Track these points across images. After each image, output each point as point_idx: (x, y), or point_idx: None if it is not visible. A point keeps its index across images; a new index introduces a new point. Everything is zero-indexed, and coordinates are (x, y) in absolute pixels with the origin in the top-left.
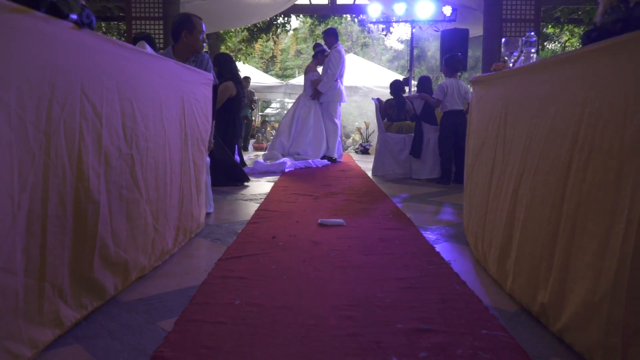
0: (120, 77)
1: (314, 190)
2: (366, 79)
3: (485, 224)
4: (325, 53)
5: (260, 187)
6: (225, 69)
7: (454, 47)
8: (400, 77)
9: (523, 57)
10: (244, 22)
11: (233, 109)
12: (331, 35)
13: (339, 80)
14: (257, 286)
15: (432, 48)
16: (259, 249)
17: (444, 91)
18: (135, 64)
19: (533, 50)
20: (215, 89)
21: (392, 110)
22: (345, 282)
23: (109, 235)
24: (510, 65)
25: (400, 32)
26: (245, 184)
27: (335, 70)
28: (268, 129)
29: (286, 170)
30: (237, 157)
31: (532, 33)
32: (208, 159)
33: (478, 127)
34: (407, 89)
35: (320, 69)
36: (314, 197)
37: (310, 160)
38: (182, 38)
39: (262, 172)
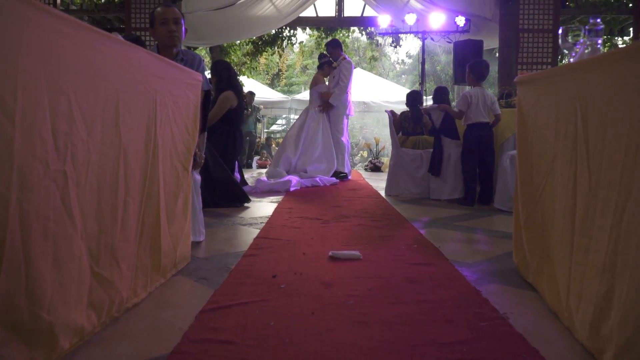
0: (53, 60)
1: (322, 213)
2: (374, 94)
3: (571, 267)
4: (334, 64)
5: (262, 208)
6: (225, 77)
7: (467, 59)
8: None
9: (588, 49)
10: (249, 35)
11: (233, 122)
12: (336, 47)
13: (348, 93)
14: (247, 359)
15: (442, 62)
16: (254, 293)
17: (468, 101)
18: (80, 45)
19: (600, 41)
20: (207, 95)
21: (407, 123)
22: (370, 350)
23: (20, 290)
24: (571, 59)
25: (409, 46)
26: (246, 204)
27: (348, 82)
28: (273, 145)
29: (291, 189)
30: (237, 175)
31: (599, 20)
32: (198, 177)
33: (540, 139)
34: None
35: (327, 80)
36: (323, 222)
37: (317, 178)
38: (153, 36)
39: (264, 191)
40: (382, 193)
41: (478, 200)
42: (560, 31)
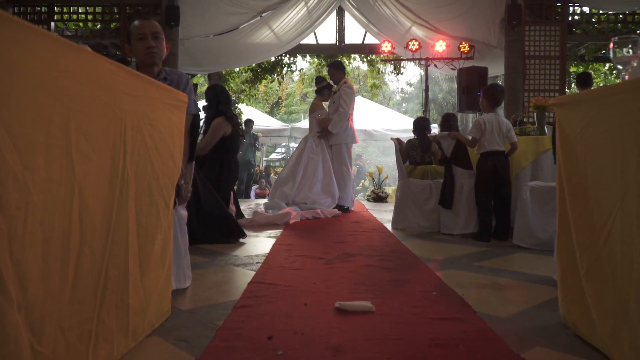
0: None
1: (325, 250)
2: (375, 121)
3: None
4: (333, 88)
5: (259, 244)
6: (214, 102)
7: (472, 86)
8: (411, 120)
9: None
10: (248, 62)
11: (227, 150)
12: (338, 69)
13: (350, 120)
14: None
15: (444, 90)
16: None
17: (482, 128)
18: (11, 46)
19: None
20: (195, 120)
21: (415, 151)
22: None
23: None
24: (626, 76)
25: (409, 74)
26: (241, 240)
27: (348, 108)
28: (272, 174)
29: (291, 221)
30: (232, 207)
31: None
32: (184, 213)
33: (598, 171)
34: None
35: (326, 106)
36: (326, 261)
37: (318, 210)
38: (129, 54)
39: (262, 225)
40: (388, 226)
41: (494, 235)
42: (611, 45)
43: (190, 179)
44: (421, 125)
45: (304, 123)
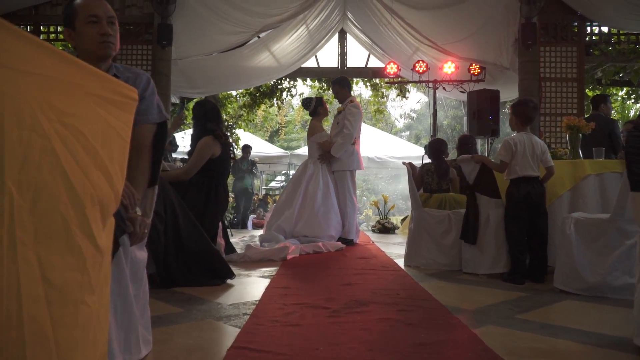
0: None
1: (329, 296)
2: (379, 148)
3: None
4: (338, 107)
5: (250, 287)
6: (200, 120)
7: (483, 110)
8: (417, 147)
9: None
10: (246, 85)
11: (216, 174)
12: (343, 86)
13: (355, 144)
14: None
15: (449, 116)
16: None
17: (512, 150)
18: None
19: None
20: (161, 130)
21: (430, 178)
22: None
23: None
24: None
25: (413, 101)
26: (229, 281)
27: (354, 130)
28: (270, 203)
29: (289, 257)
30: (221, 240)
31: None
32: (141, 255)
33: None
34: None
35: (327, 128)
36: (331, 312)
37: (320, 244)
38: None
39: (256, 261)
40: (399, 262)
41: (528, 276)
42: None
43: (150, 209)
44: (437, 147)
45: (304, 150)
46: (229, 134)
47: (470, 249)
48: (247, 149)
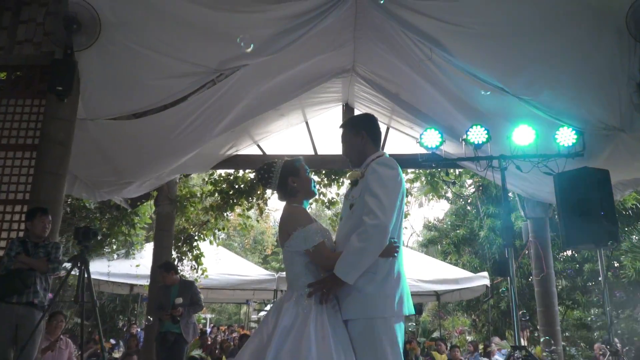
0: None
1: None
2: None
3: None
4: (355, 174)
5: None
6: None
7: (583, 200)
8: (456, 270)
9: None
10: (203, 168)
11: None
12: (358, 132)
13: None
14: None
15: (485, 226)
16: None
17: None
18: None
19: None
20: None
21: None
22: None
23: None
24: None
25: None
26: None
27: (391, 213)
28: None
29: None
30: None
31: None
32: None
33: None
34: None
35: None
36: None
37: None
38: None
39: None
40: None
41: None
42: None
43: None
44: None
45: None
46: (186, 249)
47: None
48: (186, 285)
